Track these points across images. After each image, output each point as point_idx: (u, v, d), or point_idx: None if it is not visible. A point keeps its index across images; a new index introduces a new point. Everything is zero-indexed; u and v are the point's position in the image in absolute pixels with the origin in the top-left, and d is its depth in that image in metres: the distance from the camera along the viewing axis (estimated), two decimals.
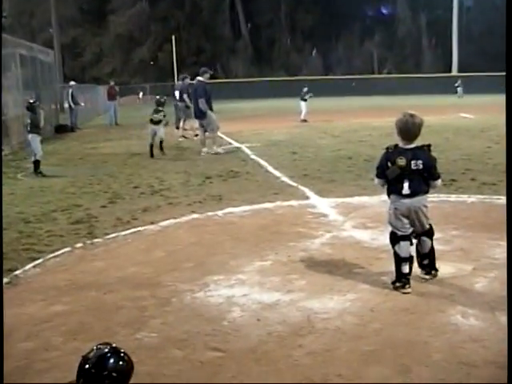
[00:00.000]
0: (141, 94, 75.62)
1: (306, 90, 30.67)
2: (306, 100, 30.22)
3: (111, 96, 35.61)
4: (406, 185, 6.09)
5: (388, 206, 6.35)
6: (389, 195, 6.34)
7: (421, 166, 6.07)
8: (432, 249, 6.46)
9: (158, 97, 21.08)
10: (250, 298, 6.11)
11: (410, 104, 7.69)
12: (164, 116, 18.99)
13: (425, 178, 6.17)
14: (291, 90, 71.33)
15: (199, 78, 18.93)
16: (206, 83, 18.81)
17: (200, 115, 18.70)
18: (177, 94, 26.66)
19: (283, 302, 5.97)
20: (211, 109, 18.56)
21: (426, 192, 6.25)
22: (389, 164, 6.14)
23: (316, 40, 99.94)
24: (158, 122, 18.85)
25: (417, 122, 6.14)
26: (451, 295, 6.04)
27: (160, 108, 19.01)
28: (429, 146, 6.22)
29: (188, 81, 24.53)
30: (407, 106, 6.45)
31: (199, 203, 11.01)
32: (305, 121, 29.33)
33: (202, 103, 18.28)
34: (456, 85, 58.25)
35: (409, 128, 6.12)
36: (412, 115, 6.18)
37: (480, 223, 8.94)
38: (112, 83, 37.32)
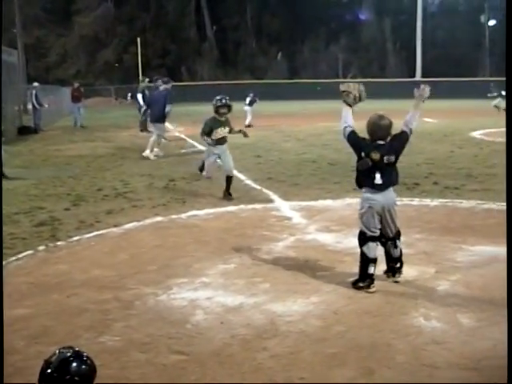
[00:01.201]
0: (129, 95, 71.83)
1: (251, 95, 30.55)
2: (251, 105, 30.06)
3: (76, 98, 35.24)
4: (377, 175, 6.20)
5: (360, 205, 6.40)
6: (360, 186, 6.41)
7: (393, 160, 6.20)
8: (401, 252, 6.55)
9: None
10: (214, 301, 6.10)
11: (374, 108, 7.74)
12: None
13: (395, 169, 6.36)
14: (256, 93, 71.51)
15: (166, 86, 19.61)
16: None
17: (161, 120, 19.05)
18: (140, 97, 26.80)
19: (247, 305, 5.98)
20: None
21: (394, 185, 6.42)
22: (362, 154, 6.23)
23: (282, 43, 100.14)
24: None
25: (386, 123, 6.25)
26: (414, 298, 6.09)
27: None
28: (401, 132, 6.47)
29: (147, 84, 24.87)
30: (372, 110, 6.47)
31: (163, 206, 10.97)
32: (249, 126, 28.88)
33: (169, 109, 18.76)
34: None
35: (378, 128, 6.23)
36: (381, 116, 6.29)
37: (443, 227, 9.02)
38: (77, 85, 36.90)
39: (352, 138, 6.38)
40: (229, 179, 11.65)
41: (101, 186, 13.38)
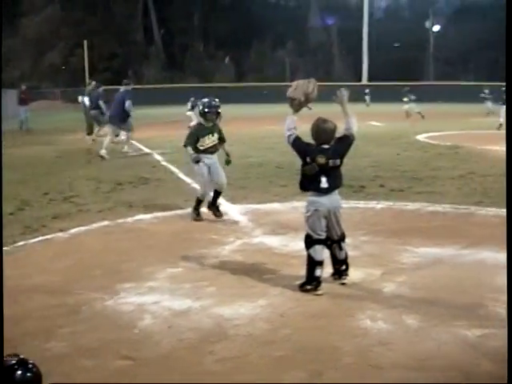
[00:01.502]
0: (80, 98, 72.28)
1: (192, 99, 30.34)
2: (193, 110, 29.95)
3: (23, 100, 34.69)
4: (323, 179, 6.24)
5: (306, 208, 6.42)
6: (305, 190, 6.45)
7: (338, 163, 6.26)
8: (347, 255, 6.60)
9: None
10: (161, 306, 6.06)
11: (321, 111, 7.81)
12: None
13: (340, 172, 6.40)
14: (203, 97, 71.29)
15: (126, 88, 20.60)
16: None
17: (123, 120, 19.93)
18: (86, 100, 26.70)
19: (194, 309, 5.96)
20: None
21: (339, 187, 6.47)
22: (308, 159, 6.25)
23: (229, 47, 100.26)
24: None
25: (330, 127, 6.31)
26: (361, 300, 6.14)
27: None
28: (344, 136, 6.42)
29: (101, 88, 25.18)
30: (318, 114, 6.52)
31: (109, 210, 10.88)
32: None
33: (130, 107, 19.83)
34: (366, 92, 59.49)
35: (322, 132, 6.27)
36: (325, 120, 6.34)
37: (388, 229, 9.11)
38: (24, 87, 36.31)
39: (297, 143, 6.40)
40: (217, 194, 10.15)
41: (46, 190, 13.21)
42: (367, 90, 60.32)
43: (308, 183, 6.38)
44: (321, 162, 6.20)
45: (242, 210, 10.52)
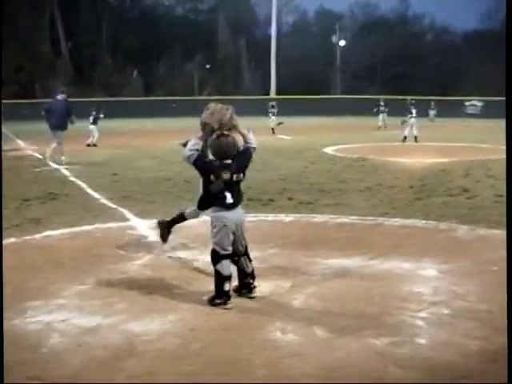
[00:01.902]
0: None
1: (94, 112, 29.95)
2: (95, 123, 29.57)
3: None
4: (228, 195, 6.24)
5: (212, 224, 6.41)
6: (205, 207, 6.45)
7: (241, 178, 6.30)
8: (253, 267, 6.63)
9: None
10: (70, 323, 5.96)
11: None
12: None
13: (240, 187, 6.40)
14: (112, 111, 70.75)
15: (63, 95, 21.74)
16: None
17: (63, 128, 20.95)
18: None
19: (104, 326, 5.88)
20: None
21: (241, 202, 6.48)
22: (212, 177, 6.24)
23: (138, 61, 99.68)
24: None
25: (231, 141, 6.33)
26: (270, 312, 6.17)
27: None
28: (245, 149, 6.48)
29: None
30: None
31: (16, 227, 10.61)
32: (95, 145, 28.48)
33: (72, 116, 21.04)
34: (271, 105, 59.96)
35: (223, 148, 6.29)
36: (224, 135, 6.34)
37: (297, 241, 9.20)
38: None
39: (200, 162, 6.36)
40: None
41: None
42: (273, 103, 61.00)
43: (212, 200, 6.36)
44: (225, 178, 6.21)
45: (151, 225, 10.44)
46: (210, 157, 6.47)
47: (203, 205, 6.52)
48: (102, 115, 30.21)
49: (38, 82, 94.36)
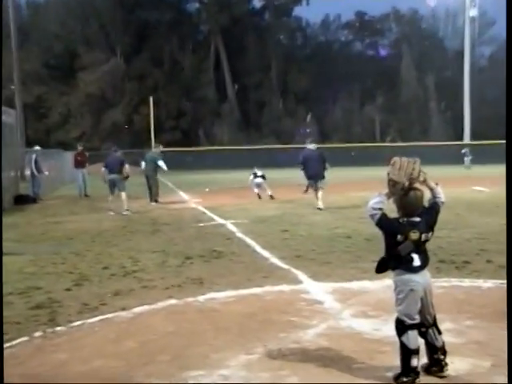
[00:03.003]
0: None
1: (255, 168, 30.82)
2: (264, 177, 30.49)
3: (79, 163, 35.44)
4: (415, 257, 6.15)
5: (396, 289, 6.31)
6: (384, 270, 6.36)
7: (429, 236, 6.18)
8: (443, 341, 6.46)
9: None
10: None
11: None
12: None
13: (426, 247, 6.30)
14: (284, 159, 71.92)
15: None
16: None
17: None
18: (143, 164, 28.95)
19: None
20: None
21: (428, 263, 6.35)
22: (399, 237, 6.16)
23: (310, 103, 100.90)
24: None
25: (419, 196, 6.23)
26: None
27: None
28: (432, 205, 6.45)
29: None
30: None
31: (177, 287, 10.93)
32: (271, 197, 29.40)
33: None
34: (463, 152, 59.00)
35: (411, 203, 6.21)
36: (412, 188, 6.23)
37: (498, 312, 8.88)
38: (80, 148, 37.10)
39: (384, 222, 6.27)
40: None
41: (107, 263, 13.41)
42: (466, 150, 59.96)
43: (397, 262, 6.27)
44: (414, 238, 6.12)
45: (327, 289, 10.44)
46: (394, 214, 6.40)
47: (383, 267, 6.42)
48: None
49: (202, 128, 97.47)
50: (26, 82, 78.98)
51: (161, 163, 28.93)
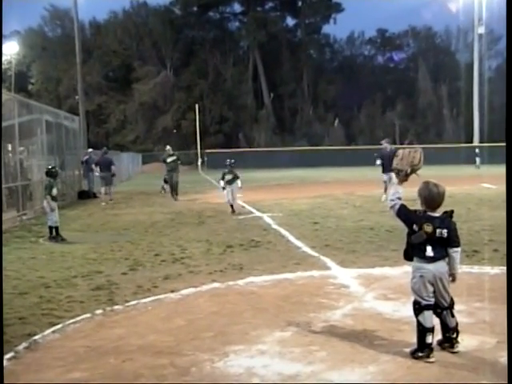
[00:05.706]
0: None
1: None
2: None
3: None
4: (428, 248, 6.12)
5: (411, 275, 6.30)
6: (410, 258, 6.33)
7: (445, 235, 6.12)
8: (457, 322, 6.42)
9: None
10: (270, 369, 6.02)
11: (430, 175, 7.72)
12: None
13: (445, 245, 6.22)
14: (313, 160, 71.83)
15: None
16: None
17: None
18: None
19: (303, 374, 5.88)
20: None
21: (445, 257, 6.27)
22: (414, 227, 6.16)
23: (338, 110, 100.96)
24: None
25: (441, 192, 6.19)
26: (475, 369, 5.93)
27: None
28: (452, 212, 6.25)
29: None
30: (429, 177, 6.43)
31: (220, 272, 10.97)
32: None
33: None
34: (476, 151, 58.67)
35: (433, 197, 6.17)
36: (436, 184, 6.22)
37: (504, 295, 8.78)
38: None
39: (403, 212, 6.30)
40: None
41: (158, 251, 13.48)
42: (477, 151, 59.46)
43: (413, 251, 6.26)
44: (427, 231, 6.10)
45: (353, 274, 10.42)
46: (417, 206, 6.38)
47: (405, 255, 6.40)
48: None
49: (242, 132, 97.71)
50: (88, 92, 79.89)
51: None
